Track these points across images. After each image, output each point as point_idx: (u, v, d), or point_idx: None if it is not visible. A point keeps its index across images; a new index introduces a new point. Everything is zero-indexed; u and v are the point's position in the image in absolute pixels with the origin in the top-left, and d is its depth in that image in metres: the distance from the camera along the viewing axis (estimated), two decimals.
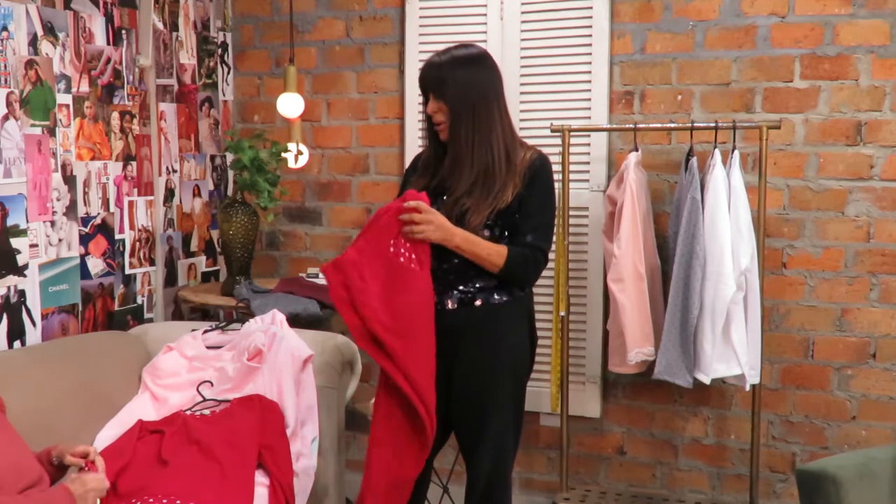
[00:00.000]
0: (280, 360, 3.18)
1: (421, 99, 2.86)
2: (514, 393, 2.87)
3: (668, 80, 3.75)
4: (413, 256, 2.70)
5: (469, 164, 2.70)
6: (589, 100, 3.80)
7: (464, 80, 2.68)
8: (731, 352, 3.34)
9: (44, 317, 3.24)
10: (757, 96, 3.64)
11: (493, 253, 2.70)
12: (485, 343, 2.78)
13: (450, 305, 2.79)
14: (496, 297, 2.80)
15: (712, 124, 3.42)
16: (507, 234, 2.77)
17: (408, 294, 2.69)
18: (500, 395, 2.82)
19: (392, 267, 2.70)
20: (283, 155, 3.76)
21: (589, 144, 3.82)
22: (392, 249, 2.70)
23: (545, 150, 3.79)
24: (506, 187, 2.72)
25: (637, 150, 3.51)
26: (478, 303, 2.79)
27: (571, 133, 3.62)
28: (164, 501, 2.51)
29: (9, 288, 3.08)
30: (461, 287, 2.78)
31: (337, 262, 2.74)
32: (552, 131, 3.62)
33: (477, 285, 2.79)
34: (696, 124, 3.45)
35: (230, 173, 4.29)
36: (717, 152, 3.36)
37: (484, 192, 2.70)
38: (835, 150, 3.58)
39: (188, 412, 3.07)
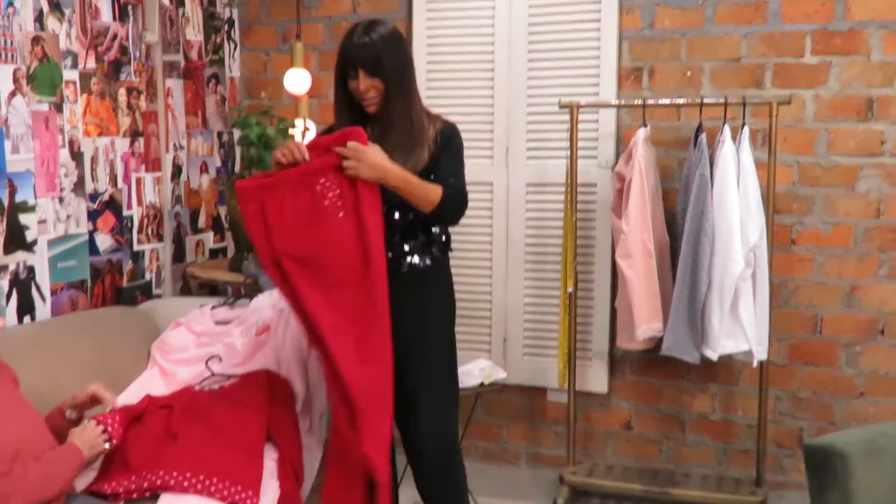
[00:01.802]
0: (288, 336, 3.19)
1: (332, 76, 2.83)
2: (445, 356, 2.90)
3: (677, 55, 3.73)
4: (340, 203, 2.65)
5: (396, 133, 2.76)
6: (597, 76, 3.78)
7: (398, 58, 2.75)
8: (739, 328, 3.34)
9: (53, 292, 3.25)
10: (767, 72, 3.62)
11: (430, 191, 2.71)
12: (412, 306, 2.77)
13: None
14: (419, 261, 2.81)
15: (722, 100, 3.40)
16: None
17: (322, 239, 2.64)
18: (431, 358, 2.85)
19: (317, 207, 2.66)
20: (291, 131, 3.75)
21: (597, 121, 3.80)
22: (319, 188, 2.66)
23: (553, 127, 3.83)
24: (423, 150, 2.78)
25: (646, 126, 3.49)
26: (404, 269, 2.80)
27: (580, 109, 3.60)
28: (174, 474, 2.53)
29: (18, 264, 3.09)
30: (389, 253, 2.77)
31: (259, 185, 2.68)
32: (560, 107, 3.61)
33: (405, 248, 2.81)
34: (705, 100, 3.43)
35: (237, 150, 4.28)
36: (727, 128, 3.35)
37: (403, 157, 2.73)
38: (845, 126, 3.55)
39: (197, 387, 3.09)
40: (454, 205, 2.78)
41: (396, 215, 2.77)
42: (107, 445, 2.46)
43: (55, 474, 2.27)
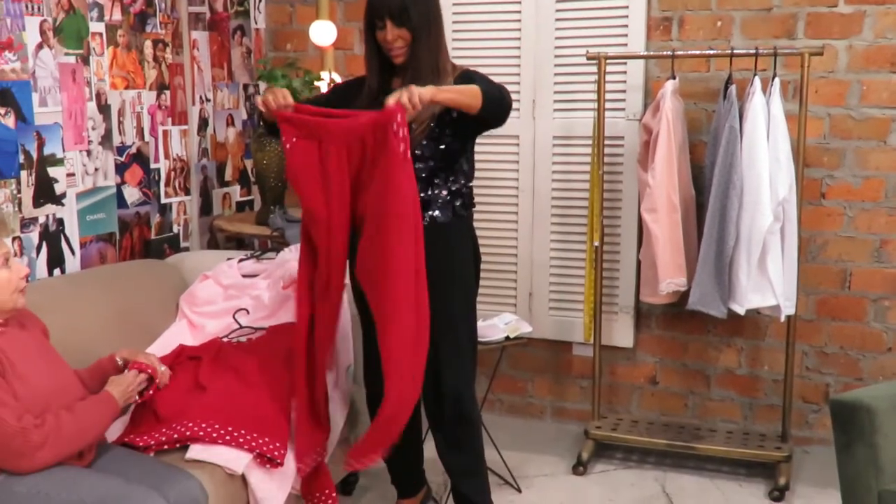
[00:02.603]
0: None
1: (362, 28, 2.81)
2: (465, 310, 2.90)
3: (707, 5, 3.66)
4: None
5: (424, 83, 2.67)
6: (626, 26, 3.72)
7: (425, 7, 2.73)
8: (767, 282, 3.32)
9: (82, 245, 3.28)
10: (799, 22, 3.55)
11: (474, 89, 2.65)
12: (433, 262, 2.70)
13: None
14: (441, 214, 2.80)
15: (752, 51, 3.34)
16: (446, 133, 2.76)
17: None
18: (451, 314, 2.83)
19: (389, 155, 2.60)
20: (316, 84, 3.74)
21: (625, 72, 3.76)
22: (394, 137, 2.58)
23: (580, 79, 3.79)
24: None
25: (674, 77, 3.44)
26: (425, 221, 2.71)
27: (607, 61, 3.56)
28: (203, 425, 2.56)
29: (48, 216, 3.12)
30: None
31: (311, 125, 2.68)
32: (588, 59, 3.56)
33: (427, 202, 2.78)
34: (735, 51, 3.38)
35: None
36: (757, 80, 3.30)
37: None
38: (878, 77, 3.49)
39: (225, 339, 3.12)
40: (499, 96, 2.73)
41: (419, 166, 2.75)
42: (137, 397, 2.49)
43: (88, 424, 2.30)
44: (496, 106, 2.72)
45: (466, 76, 2.80)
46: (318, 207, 2.68)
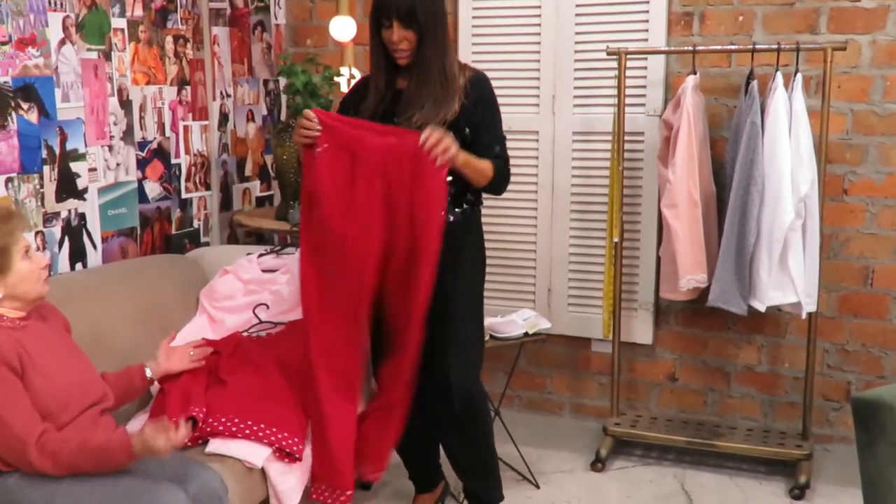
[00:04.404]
0: None
1: (367, 26, 2.80)
2: (473, 308, 2.93)
3: (728, 0, 3.64)
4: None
5: (431, 85, 2.73)
6: (646, 21, 3.71)
7: (432, 8, 2.71)
8: (788, 279, 3.30)
9: (104, 240, 3.30)
10: (822, 17, 3.52)
11: (485, 167, 2.76)
12: (442, 259, 2.74)
13: None
14: (448, 214, 2.79)
15: (774, 46, 3.32)
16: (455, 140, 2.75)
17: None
18: (460, 308, 2.86)
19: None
20: (336, 79, 3.74)
21: (646, 68, 3.74)
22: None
23: (600, 74, 3.77)
24: (453, 100, 2.75)
25: (695, 73, 3.42)
26: None
27: (628, 56, 3.54)
28: (223, 420, 2.58)
29: (70, 211, 3.14)
30: None
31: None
32: (608, 54, 3.55)
33: None
34: (757, 46, 3.35)
35: (283, 98, 4.29)
36: (779, 75, 3.27)
37: (436, 108, 2.72)
38: None
39: (244, 334, 3.13)
40: (503, 176, 2.84)
41: None
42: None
43: (92, 460, 2.21)
44: (498, 186, 2.85)
45: (477, 91, 2.79)
46: (335, 223, 2.72)
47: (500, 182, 2.83)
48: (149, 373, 2.65)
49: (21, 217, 2.34)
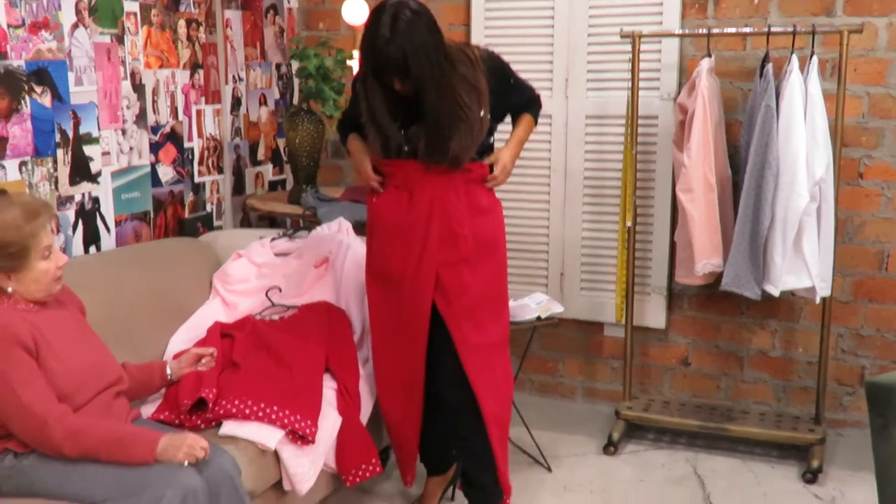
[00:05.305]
0: (346, 268, 3.22)
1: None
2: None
3: None
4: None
5: (448, 130, 2.66)
6: (661, 4, 3.68)
7: (426, 56, 2.54)
8: (802, 264, 3.28)
9: (117, 223, 3.31)
10: None
11: (528, 128, 2.95)
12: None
13: None
14: None
15: (790, 29, 3.29)
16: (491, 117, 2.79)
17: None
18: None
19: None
20: (349, 63, 3.74)
21: (660, 51, 3.72)
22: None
23: (614, 58, 3.75)
24: (482, 95, 2.68)
25: (710, 56, 3.40)
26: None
27: (642, 39, 3.52)
28: (236, 402, 2.59)
29: (83, 195, 3.15)
30: None
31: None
32: (622, 37, 3.52)
33: None
34: (772, 29, 3.32)
35: (296, 82, 4.28)
36: (795, 58, 3.24)
37: (467, 132, 2.67)
38: None
39: (257, 317, 3.14)
40: (538, 114, 3.00)
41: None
42: (186, 463, 2.23)
43: (115, 445, 2.21)
44: (536, 122, 3.01)
45: (495, 71, 2.76)
46: (395, 265, 2.80)
47: (538, 117, 3.00)
48: (169, 371, 2.66)
49: (49, 210, 2.33)
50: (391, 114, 2.68)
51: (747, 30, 3.47)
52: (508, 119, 2.95)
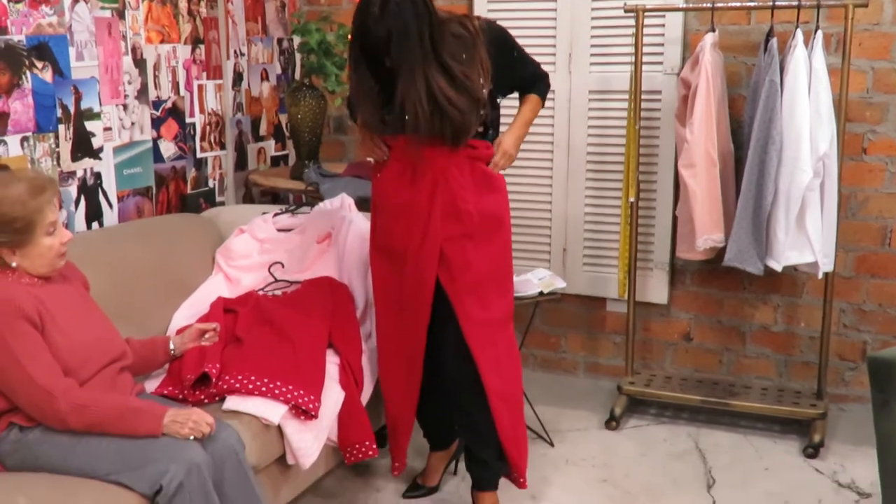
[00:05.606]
0: (349, 243, 3.23)
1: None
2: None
3: None
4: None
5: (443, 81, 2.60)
6: None
7: (403, 40, 2.50)
8: (805, 239, 3.27)
9: (120, 199, 3.31)
10: None
11: (535, 108, 2.92)
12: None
13: None
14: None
15: (794, 3, 3.27)
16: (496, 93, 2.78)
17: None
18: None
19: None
20: (350, 37, 3.71)
21: (663, 25, 3.69)
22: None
23: (617, 32, 3.73)
24: (477, 66, 2.63)
25: (714, 30, 3.38)
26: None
27: (645, 13, 3.50)
28: (239, 377, 2.60)
29: (85, 170, 3.15)
30: None
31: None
32: (625, 11, 3.50)
33: None
34: (777, 3, 3.30)
35: (297, 57, 4.27)
36: (799, 32, 3.23)
37: (473, 108, 2.64)
38: None
39: (260, 292, 3.15)
40: (546, 92, 2.96)
41: None
42: (191, 438, 2.24)
43: (120, 419, 2.22)
44: (544, 101, 2.97)
45: (498, 40, 2.73)
46: (399, 240, 2.79)
47: (545, 97, 2.96)
48: (172, 347, 2.66)
49: (54, 186, 2.33)
50: (379, 92, 2.65)
51: (751, 3, 3.45)
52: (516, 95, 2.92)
